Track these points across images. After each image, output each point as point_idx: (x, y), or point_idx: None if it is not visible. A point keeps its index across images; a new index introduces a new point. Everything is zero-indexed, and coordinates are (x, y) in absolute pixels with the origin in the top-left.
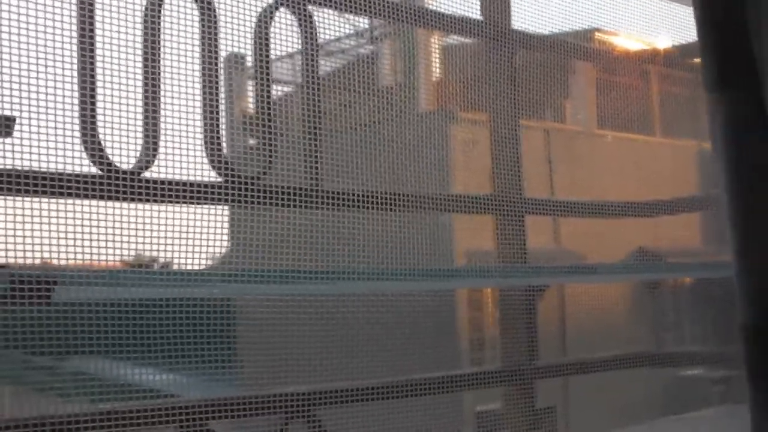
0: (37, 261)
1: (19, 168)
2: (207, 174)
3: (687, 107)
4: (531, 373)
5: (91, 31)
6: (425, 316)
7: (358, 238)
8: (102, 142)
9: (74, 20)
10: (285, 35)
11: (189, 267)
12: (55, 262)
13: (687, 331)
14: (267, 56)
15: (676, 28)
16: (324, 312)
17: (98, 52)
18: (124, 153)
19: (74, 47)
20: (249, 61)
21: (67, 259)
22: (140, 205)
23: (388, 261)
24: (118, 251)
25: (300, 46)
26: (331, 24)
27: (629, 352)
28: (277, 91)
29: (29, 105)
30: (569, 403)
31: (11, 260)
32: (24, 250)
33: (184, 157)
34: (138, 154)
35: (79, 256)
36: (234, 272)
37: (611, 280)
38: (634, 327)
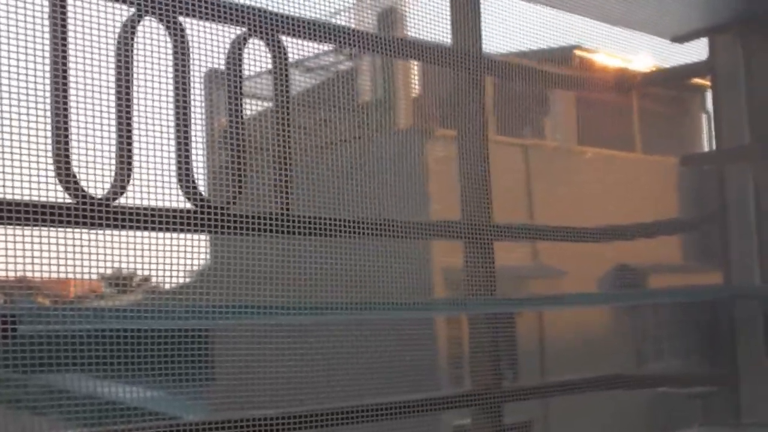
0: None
1: None
2: (179, 201)
3: (667, 124)
4: (498, 396)
5: (64, 60)
6: (401, 339)
7: (327, 267)
8: (74, 170)
9: (47, 48)
10: (257, 64)
11: (160, 293)
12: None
13: (665, 351)
14: (239, 84)
15: (655, 49)
16: (298, 336)
17: (71, 81)
18: (96, 181)
19: (47, 76)
20: (221, 90)
21: (38, 288)
22: (113, 232)
23: (355, 289)
24: (90, 278)
25: (271, 74)
26: (303, 43)
27: (601, 374)
28: (248, 116)
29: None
30: (547, 418)
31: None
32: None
33: (155, 184)
34: (110, 182)
35: (52, 284)
36: (204, 305)
37: (580, 308)
38: (611, 347)
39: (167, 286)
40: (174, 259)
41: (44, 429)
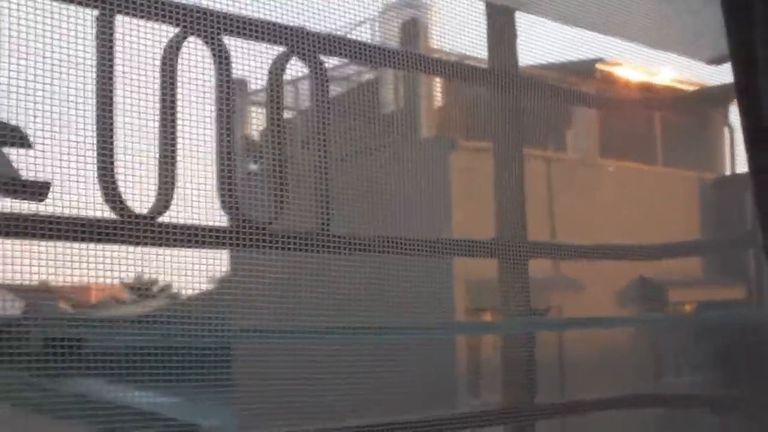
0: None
1: (42, 213)
2: (220, 219)
3: (690, 137)
4: (531, 413)
5: (111, 81)
6: (427, 356)
7: (359, 288)
8: (119, 188)
9: (94, 69)
10: (297, 84)
11: (199, 310)
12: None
13: (687, 368)
14: (279, 104)
15: (679, 62)
16: (322, 351)
17: (117, 101)
18: (140, 198)
19: (94, 98)
20: (262, 109)
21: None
22: (156, 249)
23: (386, 311)
24: (134, 294)
25: (311, 95)
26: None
27: (628, 393)
28: (289, 134)
29: (50, 151)
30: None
31: (32, 306)
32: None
33: (198, 202)
34: (154, 200)
35: (98, 299)
36: (239, 327)
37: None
38: (637, 364)
39: (205, 301)
40: (211, 274)
41: None
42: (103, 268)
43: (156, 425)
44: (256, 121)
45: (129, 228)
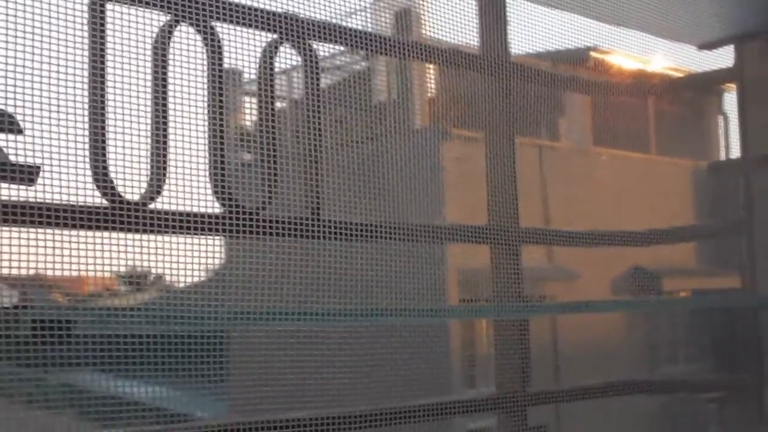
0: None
1: (32, 201)
2: (211, 205)
3: (684, 126)
4: (524, 400)
5: (102, 66)
6: (419, 341)
7: (350, 273)
8: (111, 175)
9: (85, 54)
10: (287, 70)
11: (190, 297)
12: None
13: (682, 354)
14: (271, 90)
15: (673, 50)
16: (314, 338)
17: (108, 87)
18: (132, 184)
19: (85, 83)
20: (253, 96)
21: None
22: (148, 236)
23: (379, 295)
24: (125, 281)
25: (302, 81)
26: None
27: (623, 379)
28: (280, 120)
29: (40, 139)
30: (560, 421)
31: (23, 294)
32: (37, 284)
33: (189, 189)
34: (145, 186)
35: (89, 287)
36: (230, 311)
37: (602, 313)
38: (629, 351)
39: (196, 289)
40: (204, 261)
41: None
42: (93, 255)
43: (150, 416)
44: (248, 107)
45: (120, 215)
